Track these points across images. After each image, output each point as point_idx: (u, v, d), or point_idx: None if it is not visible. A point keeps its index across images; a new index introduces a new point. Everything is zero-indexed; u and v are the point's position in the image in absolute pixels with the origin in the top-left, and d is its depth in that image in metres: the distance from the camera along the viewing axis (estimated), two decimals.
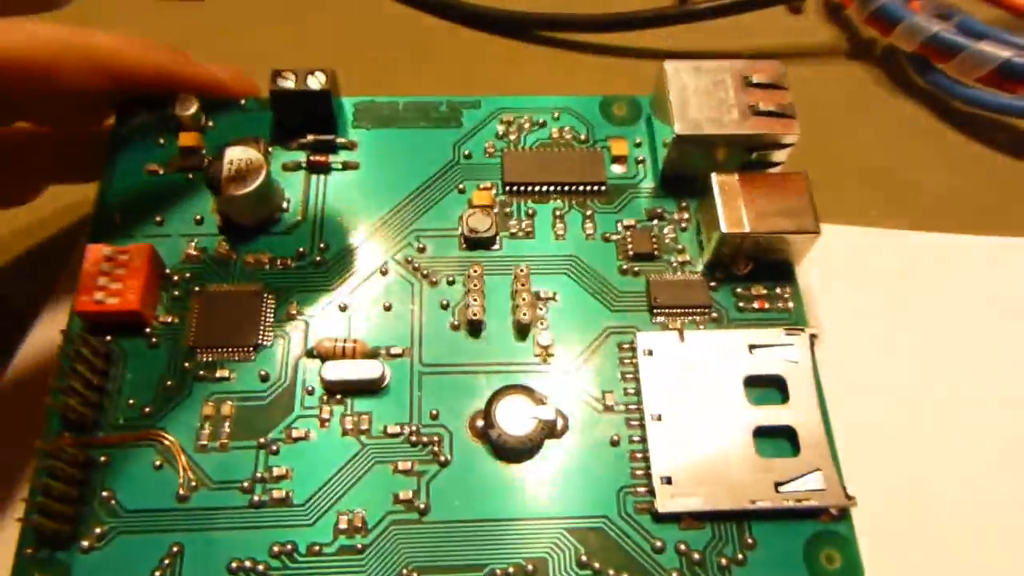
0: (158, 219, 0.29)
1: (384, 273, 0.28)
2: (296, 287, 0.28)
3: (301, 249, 0.28)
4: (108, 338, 0.26)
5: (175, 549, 0.24)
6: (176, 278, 0.28)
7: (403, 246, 0.29)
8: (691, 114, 0.28)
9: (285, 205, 0.29)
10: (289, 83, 0.29)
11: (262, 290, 0.28)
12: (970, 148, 0.36)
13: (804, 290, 0.28)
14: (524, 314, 0.27)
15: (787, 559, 0.24)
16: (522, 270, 0.28)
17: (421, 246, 0.29)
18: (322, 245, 0.29)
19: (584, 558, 0.24)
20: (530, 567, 0.24)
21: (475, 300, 0.27)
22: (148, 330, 0.27)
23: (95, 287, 0.26)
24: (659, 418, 0.26)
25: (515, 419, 0.25)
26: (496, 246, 0.29)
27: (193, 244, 0.28)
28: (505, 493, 0.25)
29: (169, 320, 0.27)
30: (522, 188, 0.30)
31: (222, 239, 0.29)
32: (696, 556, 0.24)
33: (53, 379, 0.25)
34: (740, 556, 0.24)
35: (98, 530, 0.24)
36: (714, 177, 0.28)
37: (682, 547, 0.24)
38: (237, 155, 0.28)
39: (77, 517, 0.24)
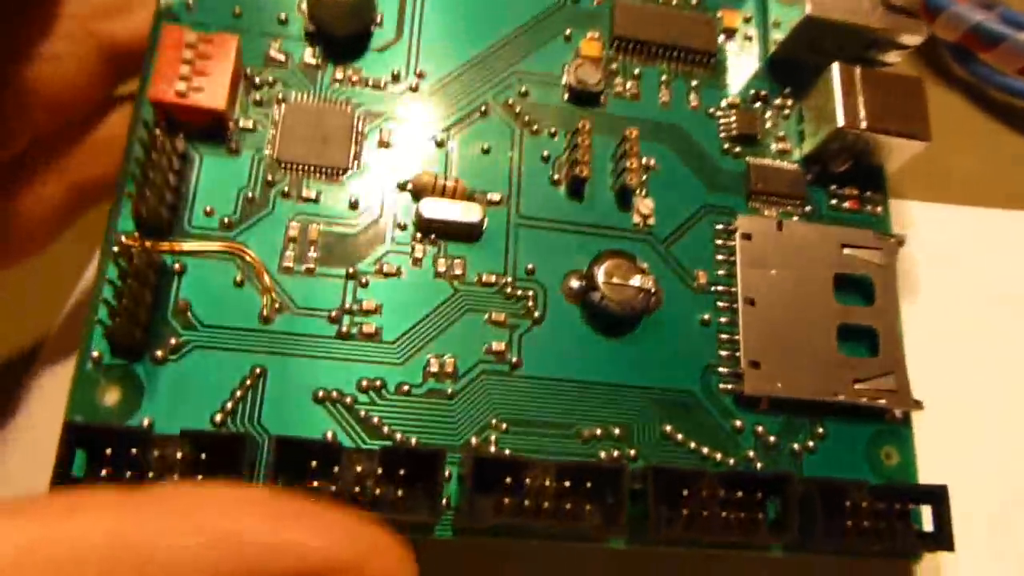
0: (236, 10, 0.26)
1: (483, 114, 0.26)
2: (388, 113, 0.26)
3: (396, 71, 0.26)
4: (182, 136, 0.24)
5: (257, 371, 0.22)
6: (258, 80, 0.25)
7: (504, 87, 0.27)
8: None
9: (379, 19, 0.26)
10: None
11: (354, 109, 0.25)
12: (1008, 138, 0.36)
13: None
14: (631, 179, 0.26)
15: (851, 451, 0.25)
16: (631, 132, 0.26)
17: (523, 90, 0.27)
18: (418, 71, 0.26)
19: (667, 428, 0.24)
20: (616, 431, 0.24)
21: (582, 157, 0.26)
22: (228, 133, 0.24)
23: (176, 75, 0.23)
24: (752, 303, 0.26)
25: (618, 284, 0.24)
26: (602, 103, 0.27)
27: (277, 46, 0.25)
28: (595, 357, 0.24)
29: (249, 125, 0.24)
30: (630, 45, 0.28)
31: (309, 47, 0.26)
32: (772, 439, 0.25)
33: (124, 172, 0.23)
34: (811, 444, 0.25)
35: (172, 341, 0.22)
36: (836, 67, 0.27)
37: (759, 430, 0.25)
38: None
39: (149, 325, 0.22)
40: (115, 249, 0.22)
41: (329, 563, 0.15)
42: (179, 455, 0.20)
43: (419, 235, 0.25)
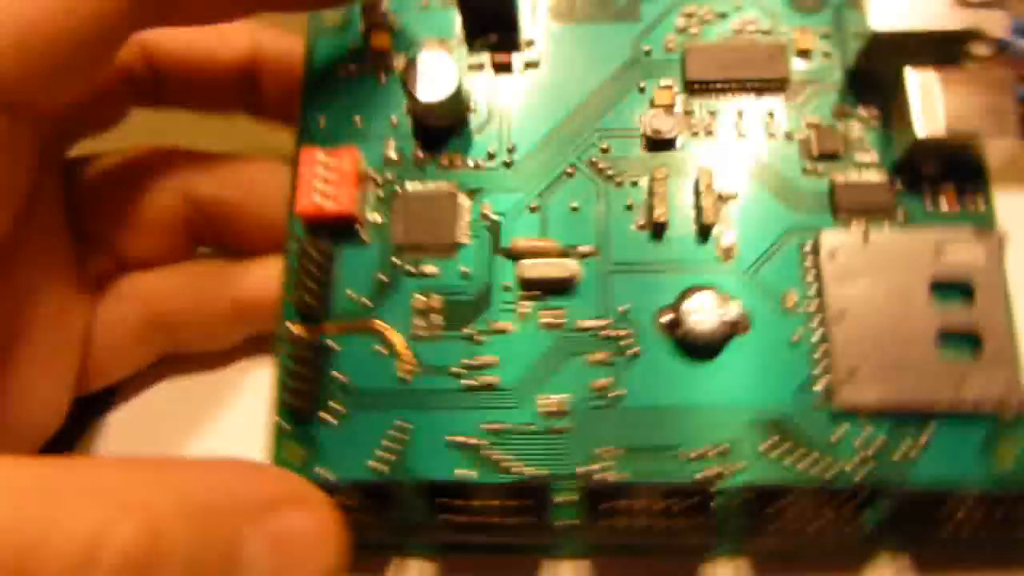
0: (357, 120, 0.31)
1: (570, 175, 0.29)
2: (488, 188, 0.30)
3: (491, 150, 0.30)
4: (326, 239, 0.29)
5: (404, 425, 0.27)
6: (379, 179, 0.30)
7: (587, 147, 0.30)
8: (891, 5, 0.27)
9: (472, 106, 0.31)
10: None
11: (456, 191, 0.29)
12: None
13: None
14: (708, 216, 0.28)
15: (961, 455, 0.26)
16: (705, 172, 0.28)
17: (604, 147, 0.30)
18: (510, 147, 0.30)
19: (767, 445, 0.26)
20: (718, 450, 0.26)
21: (659, 203, 0.28)
22: (358, 229, 0.29)
23: (313, 190, 0.29)
24: (842, 317, 0.27)
25: (702, 318, 0.27)
26: (678, 146, 0.29)
27: (392, 146, 0.30)
28: (692, 384, 0.27)
29: (377, 220, 0.30)
30: (704, 86, 0.30)
31: (417, 143, 0.30)
32: (873, 450, 0.26)
33: (283, 277, 0.29)
34: (915, 452, 0.26)
35: (336, 407, 0.28)
36: (909, 73, 0.27)
37: (859, 441, 0.26)
38: (430, 62, 0.29)
39: (317, 396, 0.28)
40: (286, 339, 0.28)
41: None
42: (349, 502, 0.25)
43: (522, 293, 0.28)
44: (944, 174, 0.28)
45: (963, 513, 0.24)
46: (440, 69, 0.29)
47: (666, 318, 0.28)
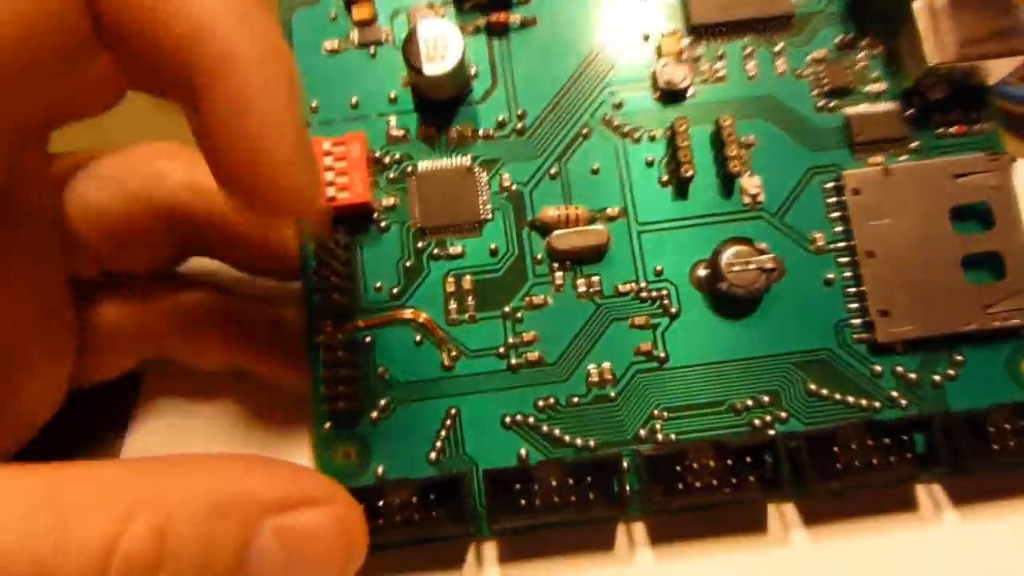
0: (352, 101, 0.29)
1: (585, 136, 0.29)
2: (504, 158, 0.29)
3: (501, 118, 0.29)
4: (343, 230, 0.28)
5: (452, 412, 0.27)
6: (387, 160, 0.28)
7: (599, 104, 0.29)
8: None
9: (474, 72, 0.29)
10: None
11: (472, 165, 0.28)
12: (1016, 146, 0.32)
13: None
14: (733, 166, 0.28)
15: (992, 372, 0.27)
16: (727, 120, 0.28)
17: (617, 102, 0.29)
18: (520, 112, 0.29)
19: (812, 387, 0.27)
20: (765, 399, 0.27)
21: (684, 157, 0.28)
22: (375, 216, 0.28)
23: (324, 183, 0.27)
24: (871, 255, 0.27)
25: (740, 270, 0.27)
26: (690, 95, 0.29)
27: (394, 124, 0.29)
28: (733, 337, 0.27)
29: (391, 203, 0.28)
30: (708, 29, 0.29)
31: (422, 117, 0.29)
32: (912, 377, 0.27)
33: (305, 274, 0.27)
34: (952, 373, 0.27)
35: (381, 402, 0.27)
36: (916, 5, 0.27)
37: (899, 370, 0.27)
38: (431, 32, 0.27)
39: (359, 395, 0.27)
40: (318, 341, 0.27)
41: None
42: (413, 499, 0.25)
43: (555, 265, 0.28)
44: (950, 99, 0.28)
45: (1002, 429, 0.25)
46: (442, 38, 0.27)
47: (703, 273, 0.28)
